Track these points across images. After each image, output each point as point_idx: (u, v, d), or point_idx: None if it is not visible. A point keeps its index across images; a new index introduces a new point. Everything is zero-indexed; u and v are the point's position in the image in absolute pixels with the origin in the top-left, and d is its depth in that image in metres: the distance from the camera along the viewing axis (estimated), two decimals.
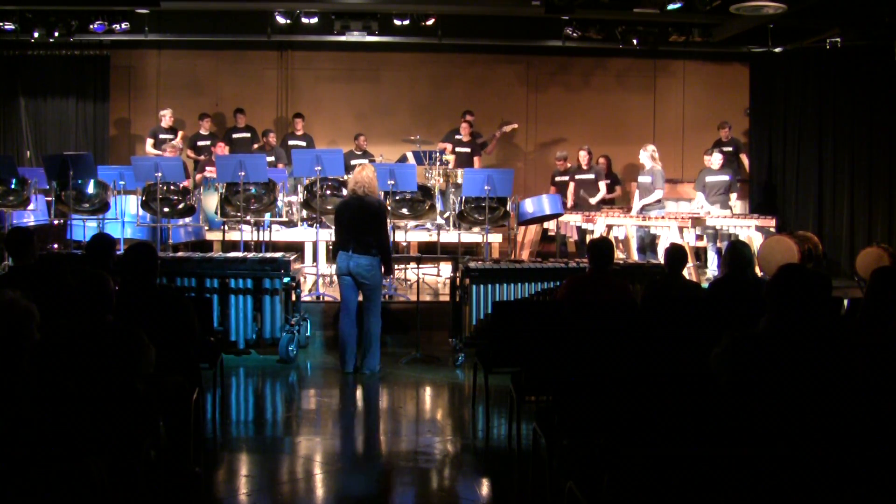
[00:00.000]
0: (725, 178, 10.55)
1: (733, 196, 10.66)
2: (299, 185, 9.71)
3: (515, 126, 12.44)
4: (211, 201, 9.91)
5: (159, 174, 8.71)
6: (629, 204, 11.58)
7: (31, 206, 9.27)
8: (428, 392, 6.65)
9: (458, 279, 7.31)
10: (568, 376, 3.88)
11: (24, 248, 5.15)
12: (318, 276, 8.93)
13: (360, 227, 6.81)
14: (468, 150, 11.54)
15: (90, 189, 8.95)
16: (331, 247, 10.01)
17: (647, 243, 10.36)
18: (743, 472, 2.73)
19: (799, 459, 2.74)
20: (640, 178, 10.58)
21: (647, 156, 10.45)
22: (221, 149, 11.00)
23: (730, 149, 11.71)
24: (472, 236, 9.84)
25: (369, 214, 6.83)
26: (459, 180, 10.11)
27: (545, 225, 10.86)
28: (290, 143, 11.79)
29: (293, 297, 7.35)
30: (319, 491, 4.55)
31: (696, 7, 9.45)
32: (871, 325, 3.81)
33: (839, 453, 2.76)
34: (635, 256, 10.08)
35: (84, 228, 9.31)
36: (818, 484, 2.67)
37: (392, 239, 9.39)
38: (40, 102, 12.19)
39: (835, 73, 11.12)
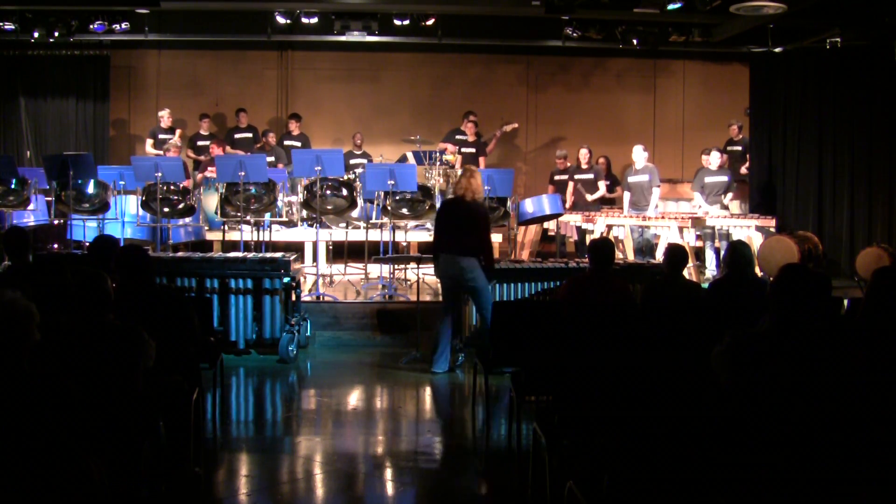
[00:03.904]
0: (724, 178, 10.54)
1: (728, 196, 10.63)
2: (299, 185, 9.71)
3: (516, 125, 12.43)
4: (211, 201, 9.91)
5: (159, 174, 8.72)
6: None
7: (31, 206, 9.26)
8: (428, 392, 6.64)
9: None
10: (568, 377, 3.88)
11: (19, 248, 5.15)
12: (318, 276, 8.93)
13: (463, 229, 6.75)
14: (473, 150, 11.53)
15: (90, 189, 8.95)
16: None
17: (646, 249, 10.34)
18: (743, 471, 2.73)
19: (799, 458, 2.74)
20: (634, 178, 10.53)
21: (642, 154, 10.43)
22: (213, 150, 10.91)
23: (738, 148, 11.69)
24: None
25: (473, 218, 6.78)
26: None
27: (545, 225, 10.86)
28: (286, 143, 11.79)
29: (293, 297, 7.35)
30: (319, 491, 4.55)
31: (696, 7, 9.45)
32: (871, 325, 3.82)
33: (839, 452, 2.76)
34: (631, 258, 10.07)
35: (84, 228, 9.31)
36: (818, 482, 2.67)
37: (392, 239, 9.44)
38: (40, 102, 12.17)
39: (835, 73, 11.10)
